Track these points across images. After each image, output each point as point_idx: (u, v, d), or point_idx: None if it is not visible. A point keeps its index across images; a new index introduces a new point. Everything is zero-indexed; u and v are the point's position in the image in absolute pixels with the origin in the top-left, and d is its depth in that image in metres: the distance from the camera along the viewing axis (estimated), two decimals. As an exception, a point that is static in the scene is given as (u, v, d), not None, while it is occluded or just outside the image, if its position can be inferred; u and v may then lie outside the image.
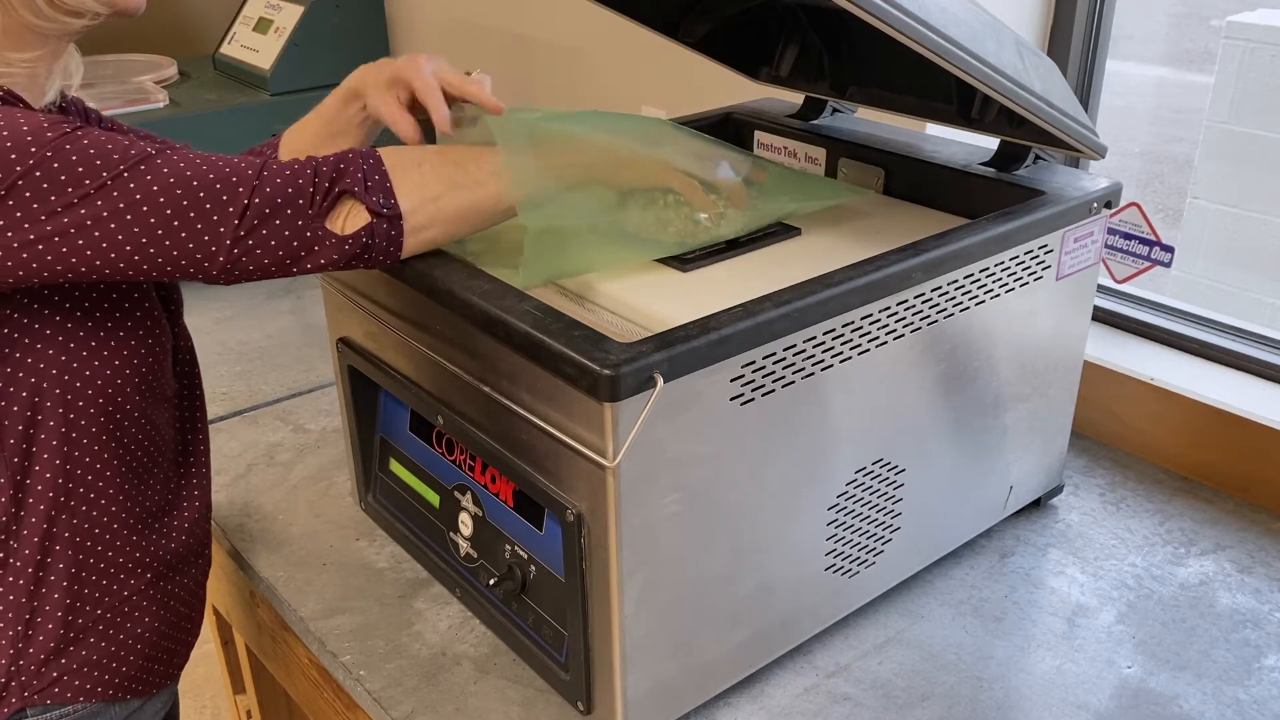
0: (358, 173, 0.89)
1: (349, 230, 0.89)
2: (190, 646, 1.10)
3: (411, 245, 0.92)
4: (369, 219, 0.89)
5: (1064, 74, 1.21)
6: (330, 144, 1.10)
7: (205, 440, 1.09)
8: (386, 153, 0.92)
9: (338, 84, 1.14)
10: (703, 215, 1.06)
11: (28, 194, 0.79)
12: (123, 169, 0.82)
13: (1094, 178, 1.14)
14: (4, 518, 0.92)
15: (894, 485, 1.05)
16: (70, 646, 0.96)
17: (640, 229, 1.05)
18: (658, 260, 1.05)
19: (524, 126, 1.01)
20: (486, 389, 0.95)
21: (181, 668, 1.09)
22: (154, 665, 1.03)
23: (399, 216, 0.90)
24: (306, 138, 1.12)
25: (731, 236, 1.07)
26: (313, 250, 0.88)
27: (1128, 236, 1.34)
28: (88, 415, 0.93)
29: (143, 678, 1.02)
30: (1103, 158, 1.12)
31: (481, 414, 0.98)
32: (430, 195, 0.92)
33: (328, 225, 0.88)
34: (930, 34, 0.90)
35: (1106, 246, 1.32)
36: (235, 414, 1.52)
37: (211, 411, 1.48)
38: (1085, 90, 1.47)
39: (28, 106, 0.86)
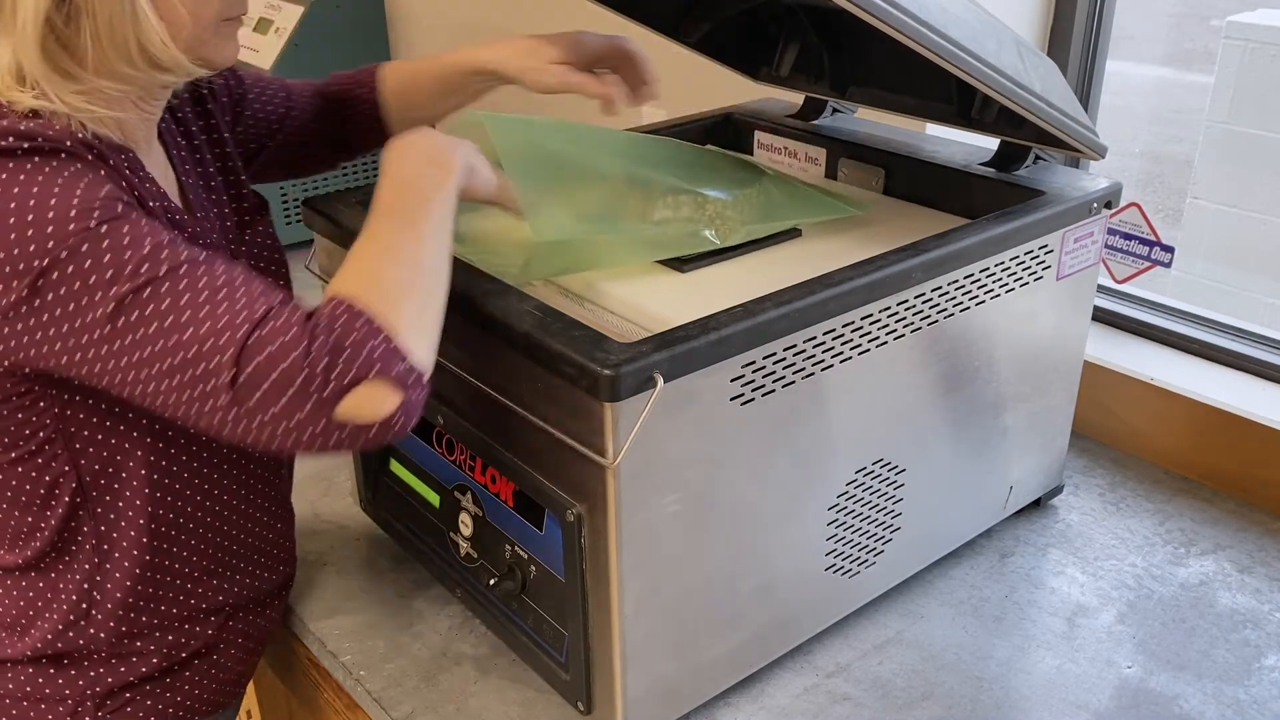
0: (361, 346, 0.76)
1: (376, 416, 0.77)
2: (255, 666, 1.10)
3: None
4: (399, 397, 0.77)
5: (1064, 74, 1.21)
6: (446, 102, 1.16)
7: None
8: (353, 290, 0.79)
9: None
10: (707, 231, 1.06)
11: (49, 295, 0.76)
12: (127, 295, 0.76)
13: (1094, 178, 1.14)
14: (90, 564, 0.92)
15: (894, 485, 1.05)
16: (147, 684, 0.98)
17: (643, 232, 1.06)
18: (658, 260, 1.05)
19: (531, 151, 1.02)
20: (486, 389, 0.95)
21: (246, 685, 1.09)
22: (225, 687, 1.04)
23: (423, 374, 0.79)
24: (422, 98, 1.15)
25: (731, 242, 1.07)
26: (330, 441, 0.77)
27: (1128, 236, 1.34)
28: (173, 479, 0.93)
29: (213, 700, 1.03)
30: (1103, 158, 1.12)
31: (481, 414, 0.98)
32: (429, 328, 0.81)
33: (340, 416, 0.76)
34: (930, 34, 0.90)
35: (1106, 246, 1.32)
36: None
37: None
38: (1085, 90, 1.47)
39: (91, 151, 0.81)
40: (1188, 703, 1.01)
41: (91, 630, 0.93)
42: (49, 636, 0.93)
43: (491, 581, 1.02)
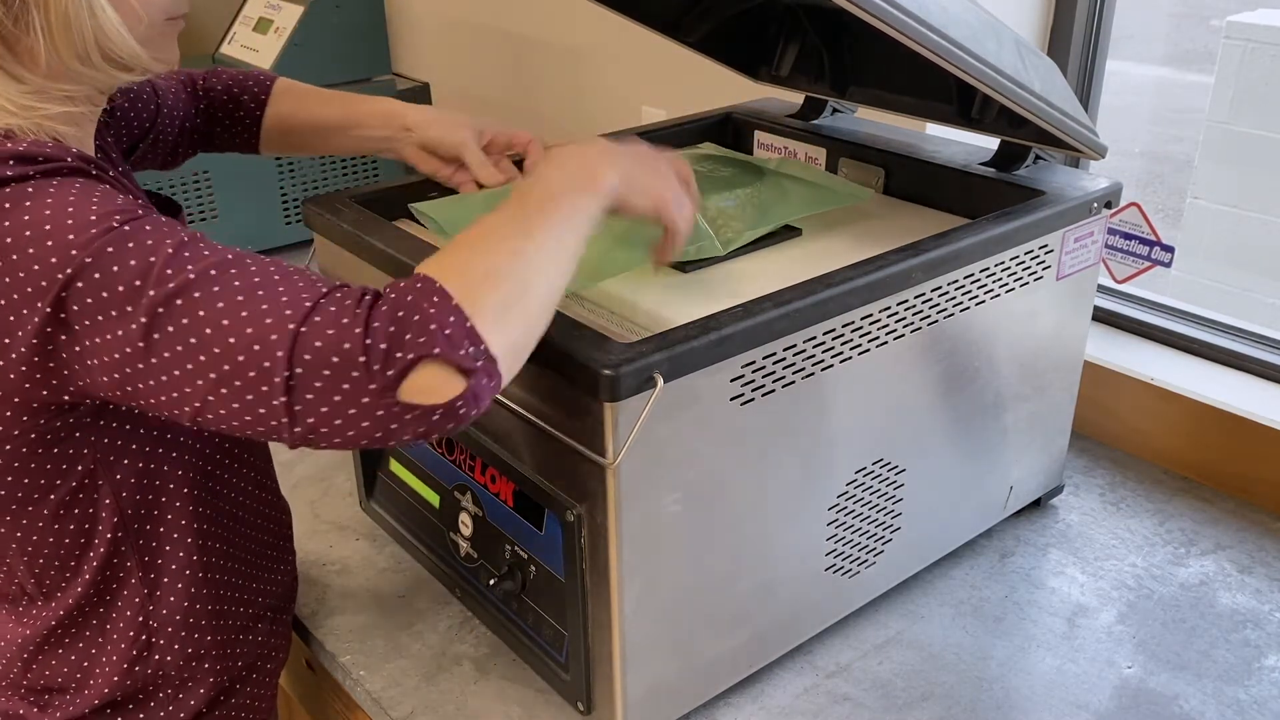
0: (428, 322, 0.70)
1: (439, 399, 0.70)
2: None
3: (508, 381, 0.75)
4: (462, 383, 0.70)
5: (1064, 74, 1.21)
6: (327, 139, 1.13)
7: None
8: (438, 269, 0.73)
9: (337, 84, 1.15)
10: (708, 241, 1.06)
11: (75, 307, 0.71)
12: (158, 305, 0.70)
13: (1094, 178, 1.14)
14: (140, 597, 0.89)
15: (894, 485, 1.05)
16: (216, 710, 0.97)
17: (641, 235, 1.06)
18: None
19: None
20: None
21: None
22: (271, 695, 1.04)
23: (495, 361, 0.72)
24: (308, 131, 1.13)
25: (733, 247, 1.07)
26: (391, 428, 0.71)
27: (1128, 236, 1.34)
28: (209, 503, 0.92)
29: (266, 711, 1.03)
30: (1103, 158, 1.12)
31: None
32: (515, 323, 0.74)
33: (403, 399, 0.70)
34: (930, 34, 0.90)
35: (1106, 246, 1.32)
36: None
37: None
38: (1085, 90, 1.47)
39: (92, 165, 0.77)
40: (1188, 703, 1.01)
41: (156, 657, 0.91)
42: (115, 679, 0.89)
43: (491, 581, 1.02)
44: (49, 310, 0.71)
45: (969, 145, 1.24)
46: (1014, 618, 1.11)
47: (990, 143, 1.19)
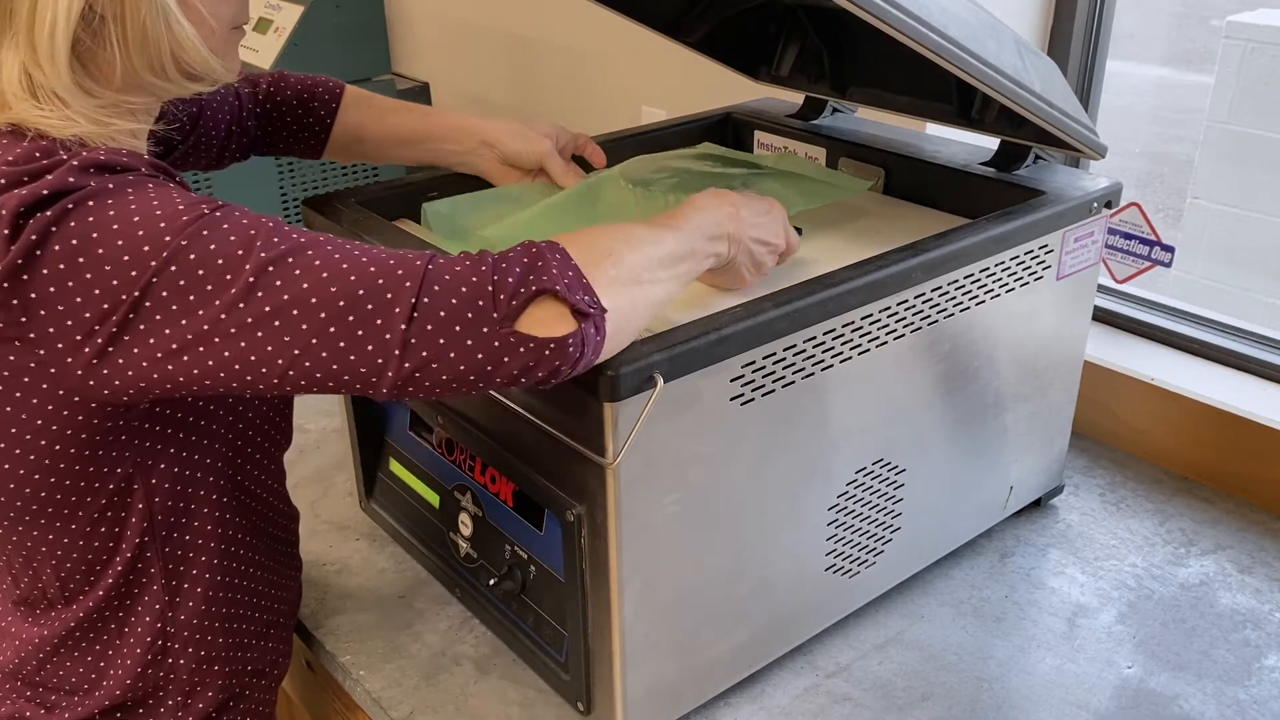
0: (551, 267, 0.75)
1: (554, 333, 0.74)
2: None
3: (609, 352, 0.79)
4: (575, 324, 0.75)
5: (1064, 74, 1.21)
6: (399, 150, 1.15)
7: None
8: (565, 239, 0.80)
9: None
10: None
11: (164, 293, 0.71)
12: (268, 264, 0.72)
13: (1094, 178, 1.14)
14: (160, 602, 0.89)
15: (894, 485, 1.05)
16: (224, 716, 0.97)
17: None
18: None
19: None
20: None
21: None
22: (273, 701, 1.04)
23: (604, 314, 0.77)
24: (383, 127, 1.14)
25: None
26: (502, 362, 0.74)
27: (1128, 236, 1.34)
28: (237, 501, 0.92)
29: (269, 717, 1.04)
30: (1103, 157, 1.12)
31: (481, 414, 0.98)
32: (624, 302, 0.79)
33: (520, 329, 0.74)
34: (930, 34, 0.90)
35: (1107, 246, 1.32)
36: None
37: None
38: (1085, 90, 1.47)
39: (161, 173, 0.78)
40: (1188, 703, 1.01)
41: (170, 661, 0.90)
42: (127, 682, 0.89)
43: (491, 581, 1.02)
44: (136, 296, 0.71)
45: (969, 145, 1.24)
46: (1014, 618, 1.11)
47: (990, 143, 1.19)
